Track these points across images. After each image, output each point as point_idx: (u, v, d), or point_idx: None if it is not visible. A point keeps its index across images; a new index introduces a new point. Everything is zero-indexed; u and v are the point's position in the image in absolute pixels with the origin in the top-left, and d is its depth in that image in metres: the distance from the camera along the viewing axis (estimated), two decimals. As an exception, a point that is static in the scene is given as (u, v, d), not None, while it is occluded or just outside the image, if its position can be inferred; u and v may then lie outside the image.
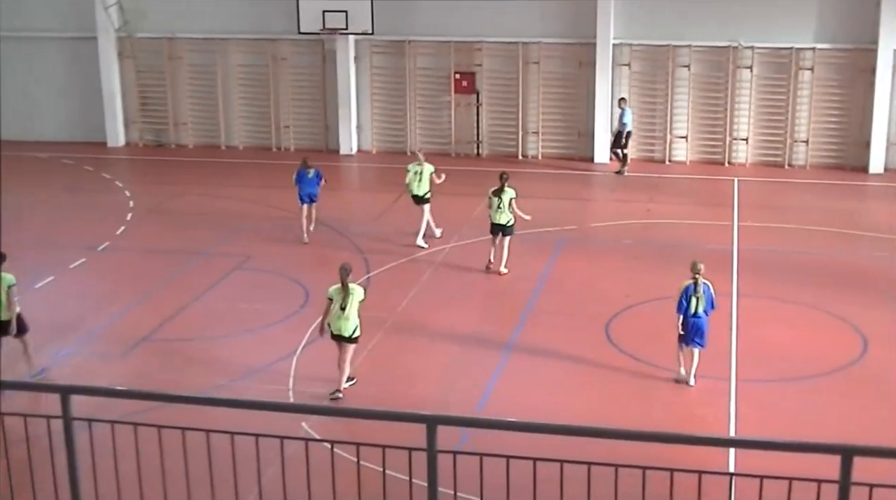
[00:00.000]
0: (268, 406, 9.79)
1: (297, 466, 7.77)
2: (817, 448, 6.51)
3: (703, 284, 16.51)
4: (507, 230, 22.11)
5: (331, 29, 31.99)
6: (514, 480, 7.22)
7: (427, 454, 6.71)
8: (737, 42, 30.93)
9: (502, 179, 22.15)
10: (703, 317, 16.55)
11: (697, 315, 16.51)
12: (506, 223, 22.04)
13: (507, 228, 22.08)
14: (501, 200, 21.91)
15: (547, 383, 17.19)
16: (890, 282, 21.72)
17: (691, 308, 16.47)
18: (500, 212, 21.97)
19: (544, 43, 32.16)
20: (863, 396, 16.57)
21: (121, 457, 7.99)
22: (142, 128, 35.26)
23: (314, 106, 34.18)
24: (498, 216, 22.03)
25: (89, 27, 34.13)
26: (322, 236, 24.71)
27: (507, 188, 21.99)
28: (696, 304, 16.44)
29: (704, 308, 16.52)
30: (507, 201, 21.90)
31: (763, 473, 6.94)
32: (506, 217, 21.98)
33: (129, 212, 27.10)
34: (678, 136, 32.15)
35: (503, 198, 21.90)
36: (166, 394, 10.84)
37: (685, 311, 16.51)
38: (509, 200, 21.91)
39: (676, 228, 25.34)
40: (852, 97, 30.93)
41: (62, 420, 7.27)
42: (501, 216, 21.99)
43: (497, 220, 22.07)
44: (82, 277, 22.37)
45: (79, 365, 17.84)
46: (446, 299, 20.97)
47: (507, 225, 22.05)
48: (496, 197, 21.97)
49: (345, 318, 16.31)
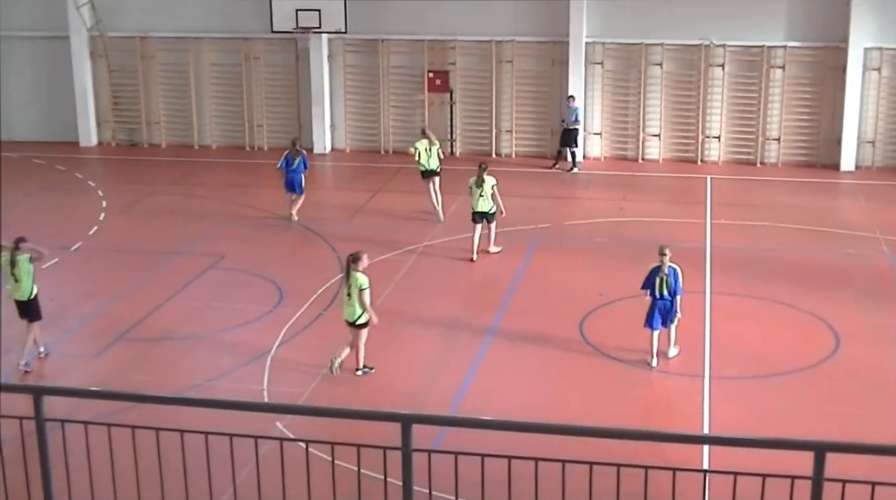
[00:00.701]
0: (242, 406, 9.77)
1: (271, 466, 7.76)
2: (790, 445, 6.54)
3: (669, 267, 17.14)
4: (489, 217, 22.80)
5: (304, 28, 31.93)
6: (490, 478, 7.23)
7: (402, 452, 6.72)
8: (709, 40, 31.05)
9: (481, 169, 22.84)
10: (668, 299, 17.13)
11: (663, 297, 17.09)
12: (488, 211, 22.70)
13: (490, 215, 22.76)
14: (482, 189, 22.52)
15: (522, 381, 17.23)
16: (861, 279, 21.87)
17: (656, 290, 17.11)
18: (482, 200, 22.59)
19: (518, 41, 32.20)
20: (835, 392, 16.67)
21: (94, 458, 7.96)
22: (114, 127, 35.09)
23: (287, 105, 34.11)
24: (480, 204, 22.65)
25: (61, 26, 33.95)
26: (297, 235, 24.69)
27: (486, 177, 22.65)
28: (660, 284, 17.08)
29: (670, 290, 17.08)
30: (488, 189, 22.58)
31: (737, 469, 6.97)
32: (488, 204, 22.64)
33: (102, 212, 26.98)
34: (651, 134, 32.25)
35: (484, 187, 22.55)
36: (140, 394, 10.80)
37: (652, 293, 17.18)
38: (491, 187, 22.61)
39: (650, 226, 25.41)
40: (823, 95, 31.10)
41: (35, 421, 7.23)
42: (484, 204, 22.64)
43: (479, 208, 22.70)
44: (55, 277, 22.23)
45: (52, 365, 17.76)
46: (420, 297, 20.97)
47: (489, 212, 22.72)
48: (478, 187, 22.58)
49: (349, 304, 16.94)
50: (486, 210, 22.68)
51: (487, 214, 22.73)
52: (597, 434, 6.84)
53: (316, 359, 17.78)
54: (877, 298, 20.67)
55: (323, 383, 16.94)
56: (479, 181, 22.61)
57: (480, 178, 22.64)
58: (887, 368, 17.61)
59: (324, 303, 20.44)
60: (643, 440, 6.75)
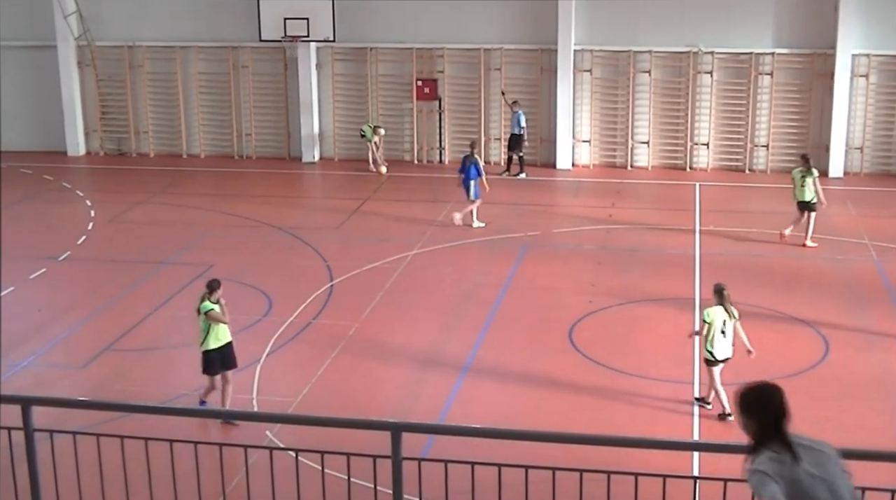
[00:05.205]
0: (231, 415, 9.72)
1: (261, 475, 7.74)
2: (780, 451, 6.54)
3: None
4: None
5: (292, 36, 31.93)
6: (479, 485, 7.22)
7: (392, 461, 6.71)
8: (697, 47, 31.13)
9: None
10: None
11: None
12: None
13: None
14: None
15: (510, 389, 17.20)
16: (850, 285, 21.90)
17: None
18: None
19: (506, 49, 32.24)
20: (824, 398, 16.68)
21: (83, 468, 7.93)
22: (102, 136, 35.05)
23: (276, 114, 34.10)
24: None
25: (49, 36, 33.91)
26: (285, 244, 24.67)
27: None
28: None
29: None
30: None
31: (727, 476, 6.98)
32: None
33: (90, 221, 26.92)
34: (640, 141, 32.29)
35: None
36: (128, 404, 10.79)
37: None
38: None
39: (638, 233, 25.44)
40: (811, 102, 31.19)
41: (23, 432, 7.21)
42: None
43: None
44: (43, 287, 22.19)
45: (40, 376, 17.68)
46: (410, 306, 20.95)
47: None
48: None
49: None
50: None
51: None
52: (586, 441, 6.85)
53: (305, 368, 17.76)
54: (865, 304, 20.71)
55: (312, 392, 16.91)
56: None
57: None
58: (876, 373, 17.64)
59: (313, 312, 20.41)
60: (633, 446, 6.77)
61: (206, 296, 15.84)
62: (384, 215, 27.09)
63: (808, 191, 23.78)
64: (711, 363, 15.88)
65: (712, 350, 15.82)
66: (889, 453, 9.30)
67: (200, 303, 15.85)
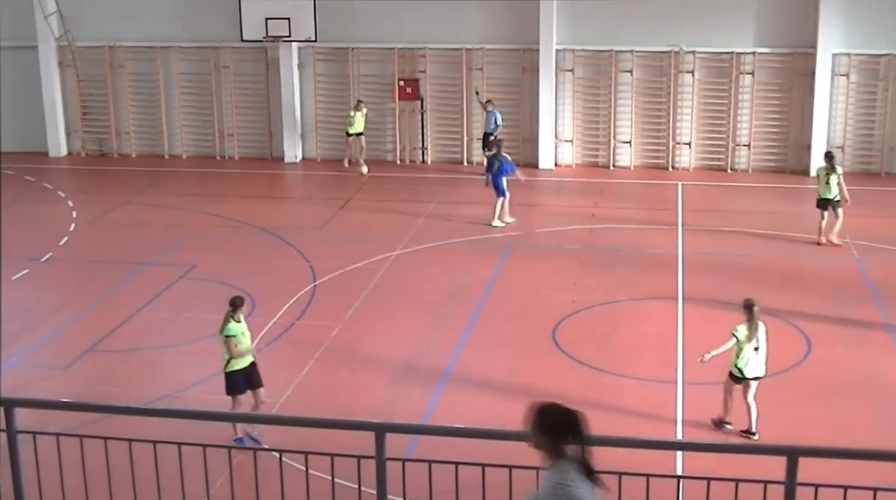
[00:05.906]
0: (215, 416, 9.72)
1: (245, 475, 7.74)
2: (763, 450, 6.59)
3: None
4: None
5: (274, 36, 31.89)
6: (463, 485, 7.23)
7: (376, 461, 6.72)
8: (678, 47, 31.19)
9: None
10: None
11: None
12: None
13: None
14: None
15: (494, 389, 17.20)
16: (831, 284, 21.99)
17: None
18: None
19: (488, 49, 32.25)
20: (807, 396, 16.74)
21: (66, 470, 7.91)
22: (84, 137, 34.94)
23: (258, 114, 34.04)
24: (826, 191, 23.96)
25: (29, 36, 33.77)
26: (267, 245, 24.64)
27: None
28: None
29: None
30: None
31: (710, 475, 7.00)
32: None
33: (72, 222, 26.84)
34: (622, 141, 32.34)
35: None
36: (112, 405, 10.75)
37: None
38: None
39: (621, 232, 25.49)
40: (792, 101, 31.29)
41: (6, 434, 7.19)
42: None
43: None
44: (25, 288, 22.12)
45: (22, 377, 17.61)
46: (393, 306, 20.94)
47: None
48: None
49: None
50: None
51: None
52: (570, 441, 6.84)
53: (289, 369, 17.73)
54: (847, 302, 20.79)
55: (296, 393, 16.89)
56: None
57: None
58: (858, 371, 17.71)
59: (297, 312, 20.39)
60: (617, 446, 6.77)
61: (230, 315, 15.29)
62: (367, 215, 27.08)
63: (832, 188, 23.89)
64: (738, 381, 15.48)
65: (743, 368, 15.42)
66: (876, 452, 9.36)
67: (225, 324, 15.26)
